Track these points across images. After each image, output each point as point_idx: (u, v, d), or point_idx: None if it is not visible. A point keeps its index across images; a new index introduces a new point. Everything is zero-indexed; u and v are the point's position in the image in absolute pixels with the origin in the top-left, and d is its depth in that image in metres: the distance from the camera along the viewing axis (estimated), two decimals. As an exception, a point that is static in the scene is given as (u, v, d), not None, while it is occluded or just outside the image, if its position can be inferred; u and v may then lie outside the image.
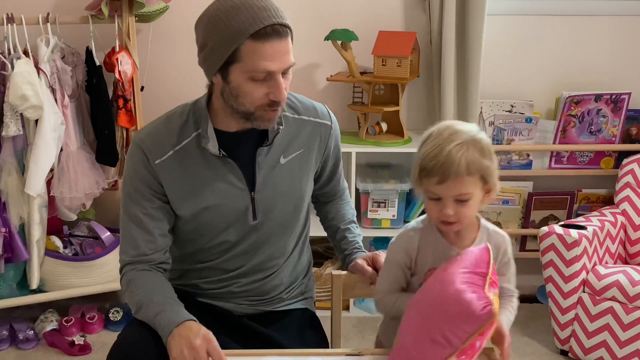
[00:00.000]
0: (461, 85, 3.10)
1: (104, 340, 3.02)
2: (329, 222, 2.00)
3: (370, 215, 3.15)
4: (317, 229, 2.08)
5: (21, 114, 2.75)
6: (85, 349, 2.94)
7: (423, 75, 3.19)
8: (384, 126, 3.09)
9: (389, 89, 3.07)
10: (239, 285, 1.83)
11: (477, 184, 1.49)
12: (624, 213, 3.01)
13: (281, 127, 1.72)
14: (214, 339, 1.55)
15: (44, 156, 2.78)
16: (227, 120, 1.70)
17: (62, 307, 3.16)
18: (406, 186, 3.10)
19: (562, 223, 2.86)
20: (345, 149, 2.98)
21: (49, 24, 2.82)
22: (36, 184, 2.80)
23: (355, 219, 1.99)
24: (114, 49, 2.92)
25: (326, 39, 2.96)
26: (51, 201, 2.97)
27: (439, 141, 1.48)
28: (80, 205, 2.98)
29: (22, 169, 2.87)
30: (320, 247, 3.33)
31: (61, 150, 2.88)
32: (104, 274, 3.00)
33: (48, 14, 2.83)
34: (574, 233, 2.70)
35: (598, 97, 3.15)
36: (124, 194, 1.74)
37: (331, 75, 3.08)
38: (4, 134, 2.76)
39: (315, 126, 1.80)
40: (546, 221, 3.32)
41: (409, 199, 3.18)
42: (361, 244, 1.92)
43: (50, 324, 3.06)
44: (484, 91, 3.13)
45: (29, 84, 2.69)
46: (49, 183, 2.90)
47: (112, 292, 3.06)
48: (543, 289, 3.03)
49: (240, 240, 1.78)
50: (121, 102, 2.89)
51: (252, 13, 1.54)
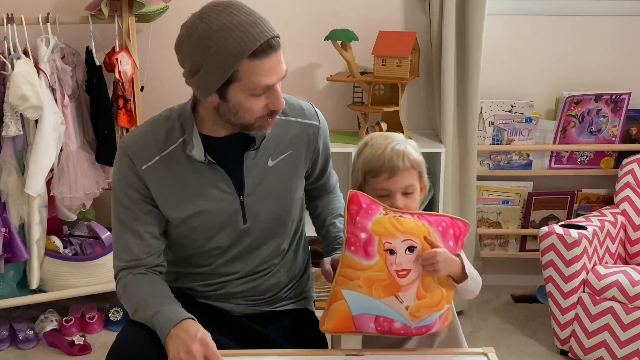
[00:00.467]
0: (461, 85, 3.10)
1: (104, 340, 3.02)
2: (316, 216, 2.00)
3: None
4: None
5: (21, 114, 2.75)
6: (85, 349, 2.94)
7: (423, 75, 3.19)
8: (384, 126, 3.09)
9: (389, 89, 3.07)
10: (236, 286, 1.82)
11: (416, 178, 1.68)
12: (624, 213, 3.01)
13: (268, 131, 1.71)
14: (212, 343, 1.54)
15: (44, 156, 2.78)
16: (214, 127, 1.69)
17: (62, 307, 3.16)
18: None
19: (562, 223, 2.85)
20: (346, 149, 2.98)
21: (49, 24, 2.82)
22: (36, 184, 2.80)
23: (342, 212, 1.97)
24: (114, 49, 2.92)
25: (326, 39, 2.96)
26: (51, 201, 2.97)
27: (378, 145, 1.67)
28: (80, 205, 2.98)
29: (22, 169, 2.87)
30: (320, 247, 3.33)
31: (61, 150, 2.88)
32: (104, 274, 3.00)
33: (48, 14, 2.83)
34: (574, 233, 2.70)
35: (598, 97, 3.15)
36: (114, 200, 1.73)
37: (331, 75, 3.08)
38: (4, 134, 2.76)
39: (303, 127, 1.79)
40: (546, 221, 3.32)
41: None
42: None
43: (50, 324, 3.06)
44: (484, 91, 3.13)
45: (29, 84, 2.69)
46: (49, 183, 2.90)
47: (112, 292, 3.05)
48: (543, 289, 3.03)
49: (233, 245, 1.77)
50: (121, 102, 2.89)
51: (244, 32, 1.51)
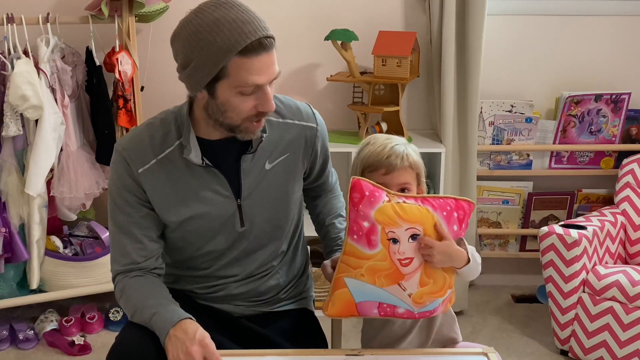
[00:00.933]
0: (461, 85, 3.10)
1: (104, 340, 3.02)
2: (316, 216, 2.00)
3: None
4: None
5: (21, 114, 2.75)
6: (85, 349, 2.94)
7: (423, 75, 3.19)
8: (384, 126, 3.09)
9: (389, 89, 3.07)
10: (235, 287, 1.82)
11: (414, 179, 1.68)
12: (624, 213, 3.01)
13: (265, 134, 1.70)
14: (211, 343, 1.54)
15: (44, 156, 2.78)
16: (210, 130, 1.68)
17: (62, 307, 3.16)
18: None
19: (562, 223, 2.85)
20: (345, 149, 2.98)
21: (49, 24, 2.82)
22: (36, 184, 2.80)
23: (342, 211, 1.97)
24: (114, 49, 2.92)
25: (326, 39, 2.96)
26: (51, 201, 2.97)
27: (379, 143, 1.69)
28: (80, 205, 2.98)
29: (22, 169, 2.87)
30: (320, 247, 3.33)
31: (61, 150, 2.88)
32: (104, 274, 3.00)
33: (48, 14, 2.83)
34: (574, 233, 2.70)
35: (598, 97, 3.15)
36: (110, 203, 1.73)
37: (331, 75, 3.08)
38: (4, 134, 2.76)
39: (300, 129, 1.78)
40: (546, 221, 3.32)
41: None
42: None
43: (50, 324, 3.06)
44: (484, 91, 3.13)
45: (29, 84, 2.69)
46: (49, 183, 2.90)
47: (112, 292, 3.01)
48: (543, 289, 3.03)
49: (230, 248, 1.77)
50: (121, 102, 2.89)
51: (236, 28, 1.50)
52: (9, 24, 2.75)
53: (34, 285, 2.98)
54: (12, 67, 2.71)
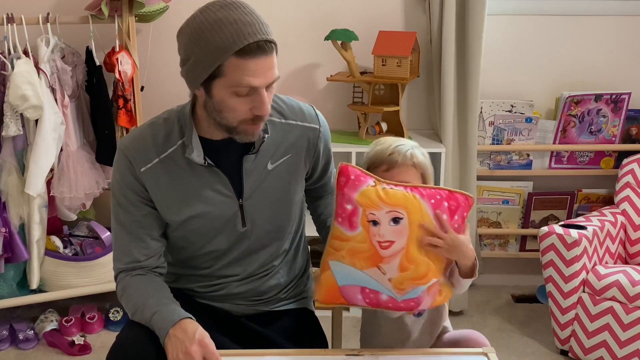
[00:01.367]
0: (461, 85, 3.10)
1: (104, 340, 3.02)
2: (317, 217, 1.99)
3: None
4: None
5: (21, 114, 2.75)
6: (85, 349, 2.94)
7: (423, 75, 3.19)
8: (384, 126, 3.09)
9: (389, 89, 3.07)
10: (235, 287, 1.82)
11: (418, 179, 1.67)
12: (624, 213, 3.01)
13: (267, 135, 1.70)
14: (210, 343, 1.54)
15: (44, 156, 2.78)
16: (212, 129, 1.68)
17: (62, 307, 3.16)
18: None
19: (562, 223, 2.85)
20: (345, 149, 2.98)
21: (49, 24, 2.82)
22: (36, 184, 2.80)
23: None
24: (114, 49, 2.92)
25: (326, 39, 2.96)
26: (51, 201, 2.97)
27: (387, 143, 1.70)
28: (80, 205, 2.98)
29: (22, 169, 2.87)
30: (320, 247, 3.33)
31: (61, 150, 2.88)
32: (104, 274, 3.00)
33: (48, 14, 2.83)
34: (574, 233, 2.70)
35: (598, 97, 3.15)
36: (113, 202, 1.73)
37: (331, 75, 3.08)
38: (4, 134, 2.76)
39: (303, 130, 1.78)
40: (546, 221, 3.32)
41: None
42: None
43: (50, 324, 3.05)
44: (484, 91, 3.13)
45: (29, 84, 2.69)
46: (49, 183, 2.90)
47: (112, 292, 3.05)
48: (543, 289, 3.03)
49: (232, 248, 1.77)
50: (121, 102, 2.89)
51: (236, 29, 1.51)
52: (9, 24, 2.75)
53: (34, 285, 2.97)
54: (12, 67, 2.71)
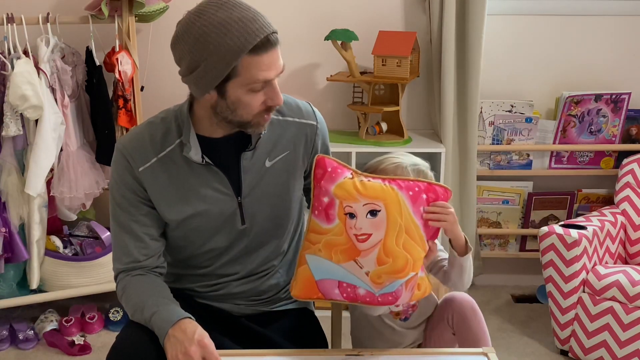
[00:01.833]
0: (461, 85, 3.10)
1: (104, 340, 3.02)
2: None
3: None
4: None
5: (21, 114, 2.75)
6: (85, 349, 2.94)
7: (423, 75, 3.19)
8: (384, 126, 3.09)
9: (389, 89, 3.07)
10: (235, 286, 1.82)
11: None
12: (624, 213, 3.01)
13: (264, 131, 1.71)
14: (210, 343, 1.54)
15: (44, 156, 2.78)
16: (211, 128, 1.69)
17: (62, 307, 3.16)
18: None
19: (562, 223, 2.85)
20: (345, 148, 2.98)
21: (49, 24, 2.82)
22: (36, 184, 2.80)
23: None
24: (114, 49, 2.92)
25: (326, 39, 2.96)
26: (51, 201, 2.97)
27: (393, 156, 1.76)
28: (80, 205, 2.98)
29: (22, 169, 2.87)
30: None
31: (61, 150, 2.88)
32: (104, 274, 3.00)
33: (48, 14, 2.83)
34: (574, 233, 2.70)
35: (598, 97, 3.15)
36: (112, 202, 1.73)
37: (331, 75, 3.08)
38: (4, 134, 2.76)
39: (300, 127, 1.79)
40: (546, 221, 3.32)
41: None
42: None
43: (50, 324, 3.05)
44: (484, 91, 3.13)
45: (29, 84, 2.69)
46: (49, 183, 2.90)
47: (112, 292, 3.05)
48: (543, 289, 3.03)
49: (231, 246, 1.77)
50: (121, 102, 2.89)
51: (244, 27, 1.51)
52: (9, 24, 2.75)
53: (34, 285, 2.97)
54: (12, 67, 2.71)
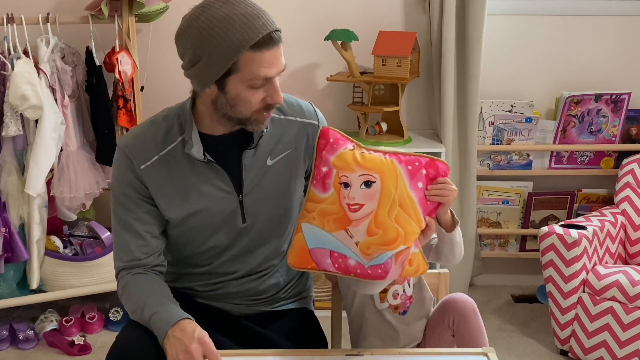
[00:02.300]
0: (461, 85, 3.10)
1: (104, 340, 3.02)
2: None
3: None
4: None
5: (21, 114, 2.75)
6: (85, 349, 2.94)
7: (423, 75, 3.19)
8: (384, 126, 3.09)
9: (389, 89, 3.07)
10: (235, 286, 1.83)
11: None
12: (624, 213, 3.01)
13: (266, 129, 1.72)
14: (209, 342, 1.54)
15: (44, 156, 2.78)
16: (213, 125, 1.69)
17: (62, 307, 3.16)
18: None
19: (562, 223, 2.85)
20: (345, 149, 2.98)
21: (49, 24, 2.82)
22: (36, 184, 2.80)
23: None
24: (114, 49, 2.92)
25: (326, 39, 2.96)
26: (51, 201, 2.97)
27: None
28: (80, 205, 2.98)
29: (22, 169, 2.87)
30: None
31: (61, 150, 2.88)
32: (104, 274, 3.00)
33: (48, 14, 2.83)
34: (574, 233, 2.70)
35: (598, 97, 3.15)
36: (113, 200, 1.74)
37: (331, 75, 3.08)
38: (4, 134, 2.76)
39: (302, 126, 1.79)
40: (546, 221, 3.32)
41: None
42: None
43: (50, 324, 3.05)
44: (484, 91, 3.13)
45: (29, 84, 2.69)
46: (49, 183, 2.90)
47: (112, 292, 3.06)
48: (543, 289, 3.03)
49: (232, 244, 1.77)
50: (121, 102, 2.89)
51: (247, 22, 1.52)
52: (9, 24, 2.75)
53: (34, 285, 2.97)
54: (12, 67, 2.71)
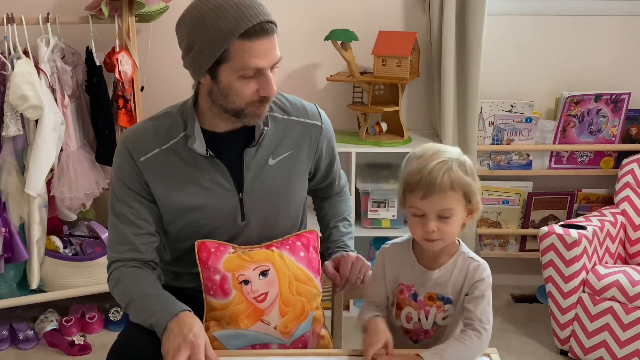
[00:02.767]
0: (461, 85, 3.10)
1: (104, 340, 3.02)
2: (321, 218, 2.00)
3: (370, 215, 3.15)
4: (316, 229, 2.07)
5: (21, 114, 2.75)
6: (85, 349, 2.94)
7: (423, 75, 3.19)
8: (384, 126, 3.09)
9: (389, 89, 3.07)
10: None
11: (460, 200, 1.53)
12: (623, 213, 3.01)
13: (267, 127, 1.72)
14: (201, 344, 1.52)
15: (44, 156, 2.78)
16: (214, 121, 1.70)
17: (62, 307, 3.16)
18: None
19: (562, 223, 2.85)
20: (345, 149, 2.98)
21: (49, 24, 2.82)
22: (36, 184, 2.80)
23: (349, 216, 1.98)
24: (114, 49, 2.92)
25: (326, 39, 2.96)
26: (51, 201, 2.97)
27: (423, 159, 1.54)
28: (80, 205, 2.98)
29: (22, 169, 2.87)
30: (322, 248, 3.33)
31: (61, 150, 2.88)
32: (104, 274, 2.93)
33: (48, 14, 2.83)
34: (573, 233, 2.70)
35: (598, 97, 3.15)
36: (111, 193, 1.74)
37: (331, 75, 3.09)
38: (4, 134, 2.76)
39: (305, 127, 1.79)
40: (546, 221, 3.32)
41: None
42: (347, 242, 1.92)
43: (50, 324, 3.06)
44: (484, 91, 3.13)
45: (29, 84, 2.69)
46: (49, 183, 2.90)
47: (112, 292, 3.06)
48: (543, 289, 3.03)
49: (230, 242, 1.77)
50: (121, 102, 2.89)
51: (238, 12, 1.53)
52: (9, 24, 2.75)
53: (34, 285, 2.98)
54: (12, 67, 2.71)
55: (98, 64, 2.91)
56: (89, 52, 2.92)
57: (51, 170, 2.87)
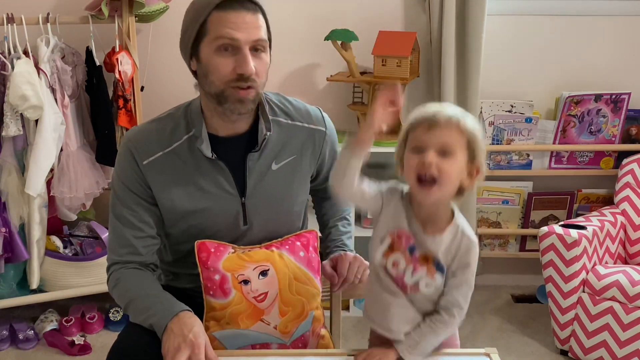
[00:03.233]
0: (461, 85, 3.10)
1: (104, 340, 3.02)
2: (321, 217, 2.00)
3: (370, 215, 3.15)
4: (316, 229, 2.07)
5: (21, 114, 2.75)
6: (85, 349, 2.94)
7: (423, 75, 3.19)
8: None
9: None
10: None
11: (463, 147, 1.45)
12: (623, 213, 3.01)
13: (269, 132, 1.71)
14: (201, 344, 1.52)
15: (44, 156, 2.78)
16: (216, 122, 1.70)
17: (62, 307, 3.16)
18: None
19: (562, 223, 2.85)
20: (345, 149, 2.98)
21: (49, 24, 2.82)
22: (36, 184, 2.80)
23: (348, 215, 1.98)
24: (114, 49, 2.92)
25: (326, 39, 2.96)
26: (51, 201, 2.97)
27: (433, 105, 1.49)
28: (80, 205, 2.98)
29: (22, 169, 2.87)
30: (320, 247, 3.33)
31: (61, 150, 2.88)
32: (104, 274, 2.94)
33: (48, 14, 2.83)
34: (573, 233, 2.70)
35: (598, 97, 3.15)
36: (112, 194, 1.74)
37: (331, 75, 3.09)
38: (4, 134, 2.76)
39: (309, 132, 1.79)
40: (546, 221, 3.32)
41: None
42: (346, 241, 1.92)
43: (50, 324, 3.06)
44: (484, 91, 3.13)
45: (29, 84, 2.69)
46: (49, 183, 2.90)
47: (112, 292, 3.06)
48: (543, 289, 3.03)
49: None
50: (121, 102, 2.89)
51: None
52: (9, 24, 2.75)
53: (34, 285, 2.97)
54: (12, 67, 2.71)
55: (98, 64, 2.91)
56: (89, 52, 2.92)
57: (51, 170, 2.87)
